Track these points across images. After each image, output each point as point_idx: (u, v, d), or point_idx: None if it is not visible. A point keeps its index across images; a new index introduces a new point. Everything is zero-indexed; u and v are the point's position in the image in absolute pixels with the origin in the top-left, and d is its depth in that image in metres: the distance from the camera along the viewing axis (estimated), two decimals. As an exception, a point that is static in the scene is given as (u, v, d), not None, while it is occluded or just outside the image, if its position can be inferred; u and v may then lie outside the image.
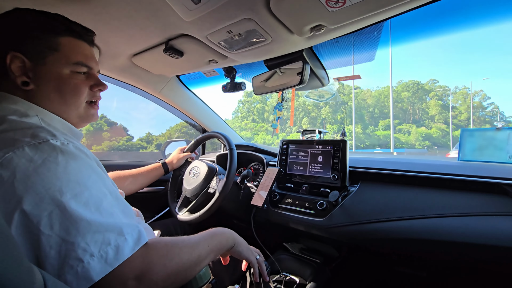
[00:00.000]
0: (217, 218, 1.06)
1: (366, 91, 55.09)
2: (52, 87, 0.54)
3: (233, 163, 1.02)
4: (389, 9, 0.63)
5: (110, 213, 0.44)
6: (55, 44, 0.54)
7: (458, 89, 50.06)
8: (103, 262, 0.39)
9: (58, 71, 0.54)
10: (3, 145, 0.40)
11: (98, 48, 0.99)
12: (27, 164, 0.40)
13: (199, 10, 0.68)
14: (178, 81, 1.43)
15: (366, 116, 50.54)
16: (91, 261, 0.38)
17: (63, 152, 0.43)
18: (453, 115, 45.77)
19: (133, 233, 0.44)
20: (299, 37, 0.80)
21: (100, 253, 0.39)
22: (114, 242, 0.41)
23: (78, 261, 0.38)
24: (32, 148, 0.41)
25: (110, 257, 0.40)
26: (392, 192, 0.87)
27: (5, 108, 0.48)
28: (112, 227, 0.42)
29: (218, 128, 1.67)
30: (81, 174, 0.44)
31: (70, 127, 0.58)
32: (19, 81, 0.51)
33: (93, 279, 0.38)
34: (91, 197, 0.43)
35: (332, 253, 1.05)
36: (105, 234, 0.41)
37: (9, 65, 0.50)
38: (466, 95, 47.62)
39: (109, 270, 0.40)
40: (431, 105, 48.51)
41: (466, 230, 0.68)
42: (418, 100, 50.26)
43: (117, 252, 0.41)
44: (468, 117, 45.01)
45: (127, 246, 0.42)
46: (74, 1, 0.70)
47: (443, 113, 46.82)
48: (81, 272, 0.38)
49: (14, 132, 0.43)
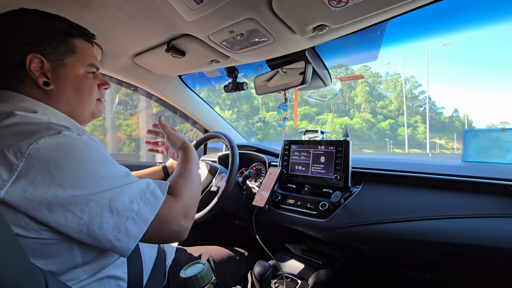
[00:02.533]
0: (219, 218, 1.06)
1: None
2: (73, 87, 0.58)
3: (235, 160, 1.02)
4: (391, 8, 0.63)
5: (134, 178, 0.51)
6: (72, 46, 0.57)
7: (389, 75, 46.21)
8: (149, 206, 0.49)
9: (76, 71, 0.58)
10: (24, 137, 0.42)
11: (101, 48, 1.00)
12: (54, 151, 0.42)
13: (201, 10, 0.68)
14: (180, 81, 1.43)
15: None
16: (140, 207, 0.47)
17: (81, 139, 0.47)
18: (382, 104, 43.52)
19: (154, 183, 0.53)
20: (301, 37, 0.80)
21: (143, 201, 0.48)
22: (148, 190, 0.50)
23: (130, 211, 0.46)
24: (52, 137, 0.44)
25: (151, 201, 0.49)
26: (395, 193, 0.86)
27: (14, 105, 0.50)
28: (140, 183, 0.51)
29: (220, 128, 1.66)
30: (104, 155, 0.49)
31: (76, 125, 0.60)
32: (41, 81, 0.53)
33: (148, 218, 0.47)
34: (116, 169, 0.49)
35: (335, 254, 1.04)
36: (139, 187, 0.49)
37: (28, 65, 0.52)
38: (397, 81, 44.08)
39: (156, 210, 0.49)
40: (357, 92, 45.34)
41: (471, 232, 0.67)
42: (347, 87, 46.07)
43: (155, 197, 0.50)
44: (398, 107, 42.08)
45: (157, 191, 0.52)
46: (76, 1, 0.70)
47: (371, 101, 44.02)
48: (137, 217, 0.46)
49: (28, 125, 0.46)
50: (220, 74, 1.31)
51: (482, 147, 0.97)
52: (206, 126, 1.65)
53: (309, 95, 1.29)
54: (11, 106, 0.50)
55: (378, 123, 41.22)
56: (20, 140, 0.41)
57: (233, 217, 1.26)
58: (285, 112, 1.18)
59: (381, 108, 43.77)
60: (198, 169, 0.76)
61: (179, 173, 0.66)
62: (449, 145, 41.55)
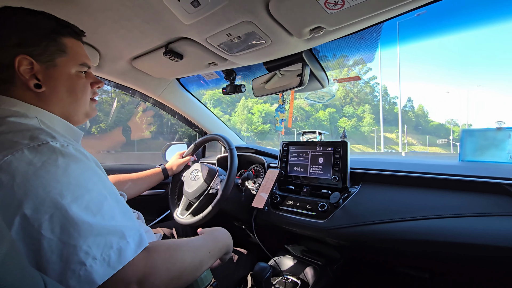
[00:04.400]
0: (218, 220, 1.06)
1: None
2: (65, 88, 0.55)
3: (233, 162, 1.02)
4: (387, 10, 0.64)
5: (111, 216, 0.43)
6: (62, 46, 0.55)
7: (335, 57, 45.28)
8: (105, 265, 0.39)
9: (68, 72, 0.56)
10: (2, 148, 0.40)
11: (98, 52, 1.00)
12: (26, 167, 0.39)
13: (198, 13, 0.68)
14: (178, 84, 1.43)
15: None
16: (93, 264, 0.38)
17: (63, 154, 0.43)
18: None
19: (135, 236, 0.44)
20: (298, 39, 0.80)
21: (102, 256, 0.39)
22: (117, 245, 0.41)
23: (80, 264, 0.37)
24: (31, 150, 0.41)
25: (112, 260, 0.40)
26: (394, 193, 0.87)
27: (4, 110, 0.48)
28: (114, 230, 0.42)
29: (218, 131, 1.67)
30: (82, 176, 0.43)
31: (71, 127, 0.58)
32: (32, 84, 0.51)
33: (96, 282, 0.38)
34: (92, 200, 0.42)
35: (334, 254, 1.04)
36: (107, 237, 0.41)
37: (17, 68, 0.49)
38: (343, 64, 42.09)
39: (112, 273, 0.39)
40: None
41: (468, 231, 0.67)
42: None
43: (119, 255, 0.40)
44: (345, 95, 38.95)
45: (129, 249, 0.42)
46: (74, 4, 0.71)
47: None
48: (84, 275, 0.37)
49: (13, 134, 0.43)
50: (218, 77, 1.31)
51: (478, 147, 0.98)
52: (205, 128, 1.65)
53: (306, 96, 1.29)
54: (1, 111, 0.48)
55: (316, 112, 38.17)
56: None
57: (232, 219, 1.26)
58: (282, 114, 1.19)
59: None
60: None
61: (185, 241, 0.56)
62: (403, 139, 37.89)
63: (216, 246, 0.61)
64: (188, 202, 1.15)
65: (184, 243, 0.54)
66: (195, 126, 1.65)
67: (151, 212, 1.44)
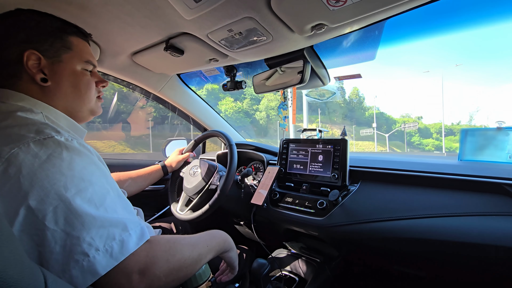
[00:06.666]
0: (217, 217, 1.07)
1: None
2: (70, 83, 0.58)
3: (233, 158, 1.02)
4: (389, 8, 0.63)
5: (113, 209, 0.45)
6: (68, 43, 0.58)
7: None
8: (108, 256, 0.40)
9: (73, 68, 0.58)
10: (9, 141, 0.41)
11: (99, 47, 0.99)
12: (32, 160, 0.40)
13: (199, 9, 0.68)
14: (179, 80, 1.43)
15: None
16: (96, 255, 0.39)
17: (67, 148, 0.44)
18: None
19: (136, 229, 0.45)
20: (299, 36, 0.80)
21: (105, 248, 0.40)
22: (119, 237, 0.42)
23: (83, 255, 0.39)
24: (37, 143, 0.42)
25: (115, 251, 0.41)
26: (393, 191, 0.87)
27: (12, 105, 0.50)
28: (116, 222, 0.43)
29: (218, 127, 1.67)
30: (86, 170, 0.45)
31: (74, 124, 0.60)
32: (38, 78, 0.53)
33: (99, 272, 0.39)
34: (95, 193, 0.43)
35: (332, 252, 1.05)
36: (110, 229, 0.42)
37: (26, 62, 0.52)
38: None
39: (115, 264, 0.40)
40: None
41: (467, 230, 0.68)
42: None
43: (122, 247, 0.42)
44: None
45: (131, 241, 0.43)
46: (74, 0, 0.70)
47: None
48: (87, 266, 0.38)
49: (19, 127, 0.44)
50: (219, 73, 1.31)
51: (478, 146, 0.98)
52: (205, 124, 1.65)
53: (307, 94, 1.29)
54: (8, 106, 0.50)
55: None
56: (6, 144, 0.41)
57: (231, 216, 1.27)
58: (285, 111, 1.19)
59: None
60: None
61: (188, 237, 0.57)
62: (328, 129, 34.47)
63: (213, 241, 0.62)
64: (187, 198, 1.15)
65: (182, 237, 0.55)
66: (195, 122, 1.65)
67: (151, 207, 1.44)
